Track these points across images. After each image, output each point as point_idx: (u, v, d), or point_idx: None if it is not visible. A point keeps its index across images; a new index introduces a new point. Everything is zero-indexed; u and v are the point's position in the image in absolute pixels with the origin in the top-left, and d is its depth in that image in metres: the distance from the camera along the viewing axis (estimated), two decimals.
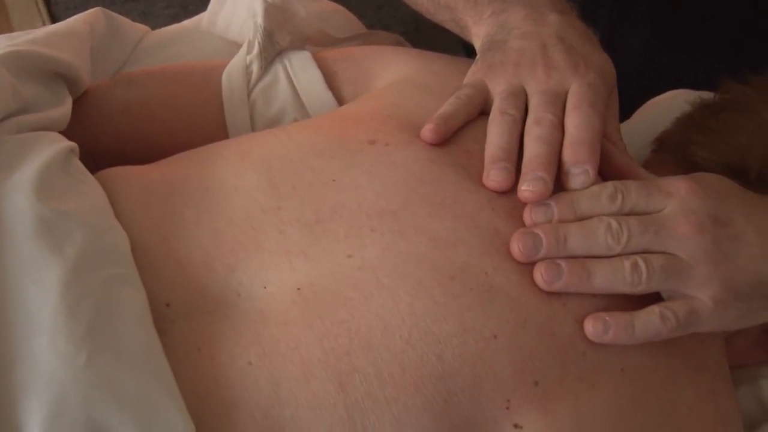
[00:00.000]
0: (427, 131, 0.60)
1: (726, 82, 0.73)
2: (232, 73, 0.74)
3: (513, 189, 0.58)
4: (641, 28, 0.99)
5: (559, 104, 0.61)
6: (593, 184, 0.58)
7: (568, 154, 0.58)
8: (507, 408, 0.51)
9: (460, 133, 0.62)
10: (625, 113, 0.76)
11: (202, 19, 0.87)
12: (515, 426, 0.51)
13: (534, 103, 0.62)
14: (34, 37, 0.66)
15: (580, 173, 0.58)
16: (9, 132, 0.57)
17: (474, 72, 0.67)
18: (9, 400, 0.45)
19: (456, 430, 0.50)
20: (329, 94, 0.72)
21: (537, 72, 0.63)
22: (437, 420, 0.50)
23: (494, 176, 0.58)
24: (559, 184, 0.58)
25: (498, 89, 0.63)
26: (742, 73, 0.72)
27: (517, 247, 0.55)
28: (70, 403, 0.44)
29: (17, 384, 0.45)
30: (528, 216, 0.57)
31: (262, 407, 0.49)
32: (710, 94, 0.75)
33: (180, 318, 0.53)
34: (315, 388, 0.49)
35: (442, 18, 0.74)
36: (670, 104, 0.83)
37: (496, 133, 0.60)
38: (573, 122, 0.60)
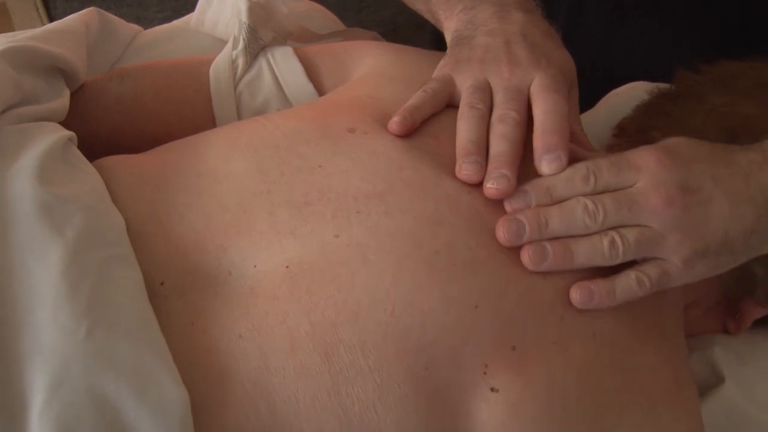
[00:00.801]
0: (394, 123, 0.61)
1: (680, 73, 0.74)
2: (219, 67, 0.74)
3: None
4: (597, 21, 1.00)
5: (521, 100, 0.62)
6: (566, 167, 0.58)
7: (539, 142, 0.59)
8: (485, 372, 0.52)
9: (428, 121, 0.63)
10: (584, 103, 0.77)
11: (191, 18, 0.87)
12: (492, 389, 0.51)
13: (498, 100, 0.62)
14: (32, 34, 0.66)
15: (553, 159, 0.58)
16: (10, 122, 0.57)
17: (442, 66, 0.67)
18: (15, 369, 0.45)
19: (435, 396, 0.51)
20: (310, 85, 0.73)
21: (501, 68, 0.63)
22: (418, 386, 0.50)
23: (466, 169, 0.58)
24: (534, 170, 0.59)
25: (465, 84, 0.64)
26: (695, 64, 0.73)
27: (502, 233, 0.55)
28: (71, 372, 0.45)
29: (22, 354, 0.46)
30: (508, 204, 0.57)
31: (251, 377, 0.49)
32: (667, 84, 0.76)
33: (173, 295, 0.53)
34: (302, 359, 0.50)
35: (420, 8, 0.75)
36: (630, 94, 0.84)
37: (465, 128, 0.61)
38: (541, 108, 0.60)
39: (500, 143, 0.59)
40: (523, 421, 0.51)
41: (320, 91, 0.74)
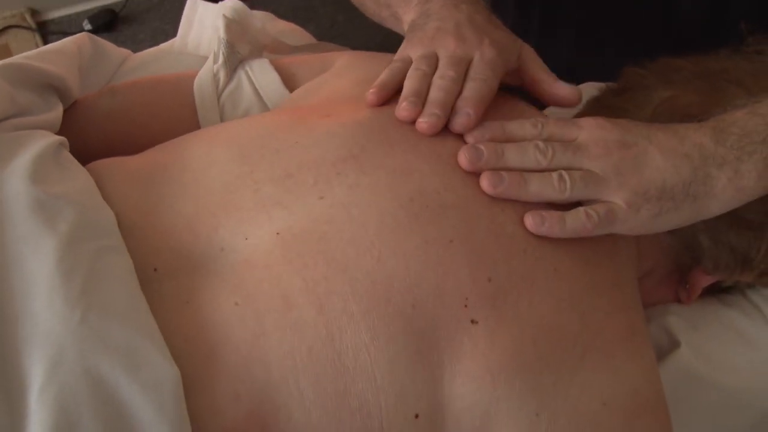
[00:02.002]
0: (371, 95, 0.64)
1: (627, 69, 0.75)
2: (202, 80, 0.75)
3: (448, 131, 0.61)
4: (565, 41, 1.03)
5: (462, 67, 0.65)
6: (471, 127, 0.61)
7: (458, 104, 0.62)
8: (465, 306, 0.52)
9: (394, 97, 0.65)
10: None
11: (174, 42, 0.88)
12: (472, 321, 0.52)
13: (442, 64, 0.65)
14: (28, 54, 0.68)
15: (464, 114, 0.61)
16: (6, 131, 0.58)
17: (401, 50, 0.70)
18: (14, 354, 0.45)
19: (422, 332, 0.51)
20: (287, 92, 0.73)
21: (448, 41, 0.66)
22: (406, 325, 0.51)
23: (404, 109, 0.61)
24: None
25: (415, 55, 0.67)
26: (640, 62, 0.74)
27: (463, 157, 0.58)
28: (67, 355, 0.45)
29: (20, 339, 0.46)
30: (468, 136, 0.61)
31: (247, 340, 0.50)
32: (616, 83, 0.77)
33: (167, 278, 0.53)
34: (296, 315, 0.50)
35: (384, 15, 0.77)
36: (584, 91, 0.85)
37: (408, 82, 0.64)
38: (467, 86, 0.63)
39: (437, 92, 0.62)
40: (502, 354, 0.52)
41: None
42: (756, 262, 0.68)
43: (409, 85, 0.63)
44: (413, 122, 0.61)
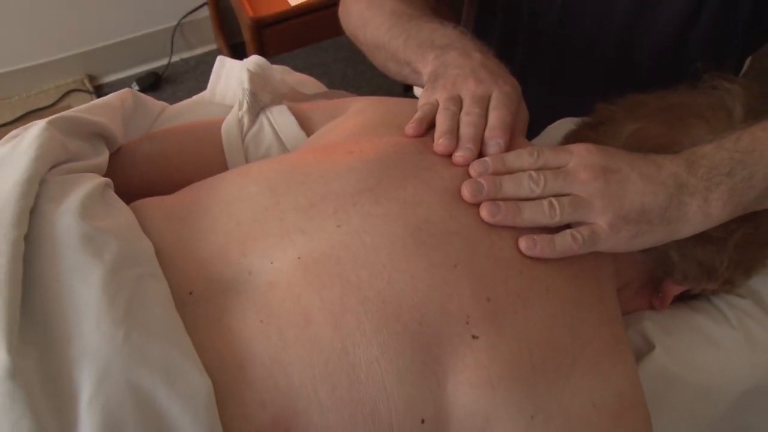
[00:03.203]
0: (410, 129, 0.64)
1: (599, 105, 0.75)
2: (229, 125, 0.74)
3: (455, 166, 0.61)
4: (541, 81, 1.02)
5: (484, 104, 0.65)
6: (504, 151, 0.61)
7: (488, 134, 0.63)
8: (467, 323, 0.52)
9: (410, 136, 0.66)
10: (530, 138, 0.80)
11: (204, 94, 0.88)
12: (473, 337, 0.51)
13: (466, 103, 0.65)
14: (78, 108, 0.67)
15: (495, 144, 0.62)
16: (59, 174, 0.58)
17: (425, 95, 0.70)
18: (66, 369, 0.45)
19: (427, 347, 0.50)
20: (303, 134, 0.73)
21: (469, 84, 0.66)
22: (414, 340, 0.50)
23: (441, 144, 0.62)
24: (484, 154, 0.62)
25: (442, 98, 0.67)
26: (611, 98, 0.74)
27: (466, 191, 0.58)
28: (113, 369, 0.45)
29: (72, 357, 0.45)
30: (472, 169, 0.60)
31: (270, 354, 0.49)
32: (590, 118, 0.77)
33: (201, 300, 0.53)
34: (315, 331, 0.50)
35: (405, 72, 0.77)
36: (561, 127, 0.85)
37: (441, 120, 0.64)
38: (492, 116, 0.64)
39: (467, 128, 0.63)
40: (501, 366, 0.51)
41: None
42: (719, 273, 0.67)
43: (442, 123, 0.64)
44: (450, 155, 0.62)
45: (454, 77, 0.68)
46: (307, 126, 0.74)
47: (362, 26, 0.83)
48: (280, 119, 0.73)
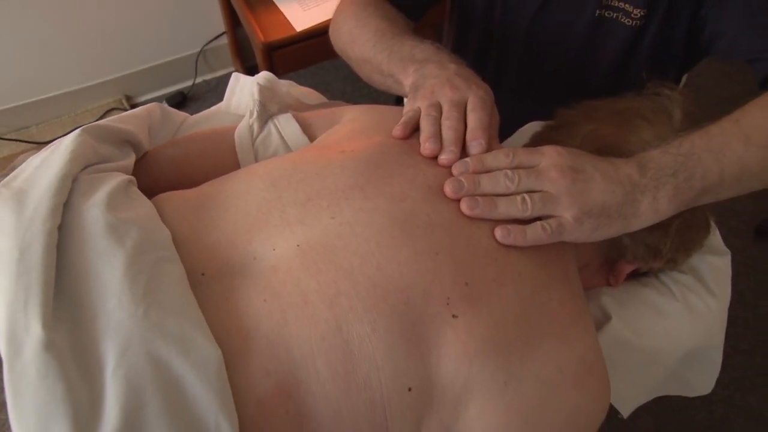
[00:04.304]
0: (398, 130, 0.63)
1: (560, 111, 0.74)
2: (241, 131, 0.73)
3: (437, 163, 0.60)
4: (510, 91, 1.01)
5: (461, 108, 0.64)
6: (486, 151, 0.60)
7: (469, 136, 0.61)
8: (447, 304, 0.50)
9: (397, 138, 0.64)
10: (502, 139, 0.79)
11: (221, 106, 0.87)
12: (453, 316, 0.50)
13: (445, 108, 0.64)
14: (110, 118, 0.66)
15: (477, 144, 0.61)
16: (90, 173, 0.57)
17: (409, 104, 0.69)
18: (93, 343, 0.44)
19: (413, 325, 0.49)
20: (305, 138, 0.71)
21: (446, 91, 0.65)
22: (400, 319, 0.49)
23: (428, 147, 0.60)
24: (467, 154, 0.61)
25: (423, 105, 0.65)
26: (570, 104, 0.73)
27: (448, 188, 0.57)
28: (134, 342, 0.44)
29: (98, 331, 0.45)
30: (454, 169, 0.59)
31: (274, 329, 0.48)
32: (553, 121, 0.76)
33: (212, 281, 0.52)
34: (312, 310, 0.48)
35: (389, 83, 0.76)
36: (529, 129, 0.84)
37: (425, 125, 0.63)
38: (471, 119, 0.63)
39: (447, 132, 0.62)
40: (478, 340, 0.50)
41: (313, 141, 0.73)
42: (664, 253, 0.67)
43: (426, 128, 0.62)
44: (436, 157, 0.60)
45: (432, 86, 0.66)
46: (309, 131, 0.73)
47: (351, 43, 0.81)
48: (286, 126, 0.72)
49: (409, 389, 0.48)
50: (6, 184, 0.53)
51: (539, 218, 0.56)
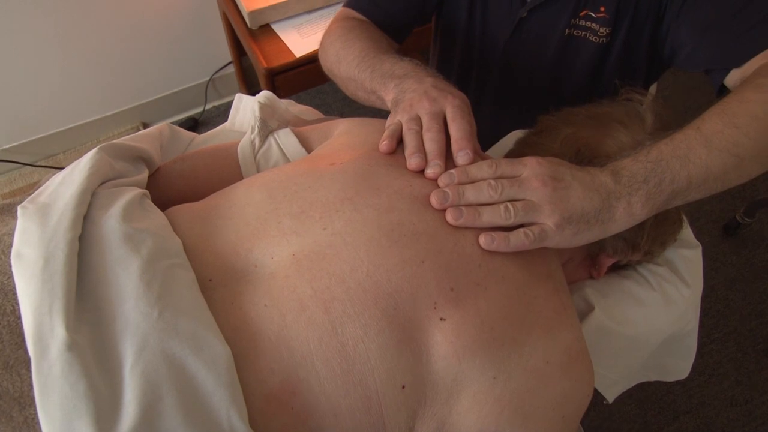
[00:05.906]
0: (383, 146, 0.61)
1: (541, 117, 0.73)
2: (243, 146, 0.72)
3: (422, 175, 0.59)
4: (492, 103, 1.01)
5: (440, 119, 0.62)
6: (473, 161, 0.59)
7: (455, 146, 0.60)
8: (435, 308, 0.49)
9: (384, 151, 0.63)
10: (486, 148, 0.78)
11: (225, 125, 0.86)
12: (441, 319, 0.49)
13: (425, 120, 0.63)
14: (125, 137, 0.66)
15: (464, 154, 0.59)
16: (108, 188, 0.56)
17: (391, 117, 0.67)
18: (113, 343, 0.44)
19: (403, 327, 0.48)
20: (303, 150, 0.71)
21: (423, 103, 0.64)
22: (391, 322, 0.48)
23: (413, 162, 0.59)
24: (453, 164, 0.60)
25: (404, 119, 0.64)
26: (550, 110, 0.73)
27: (434, 199, 0.55)
28: (150, 342, 0.44)
29: (117, 332, 0.44)
30: (440, 181, 0.58)
31: (274, 331, 0.47)
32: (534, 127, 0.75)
33: (219, 286, 0.51)
34: (309, 314, 0.48)
35: (372, 99, 0.75)
36: (513, 136, 0.83)
37: (409, 140, 0.61)
38: (453, 128, 0.61)
39: (430, 144, 0.60)
40: (466, 340, 0.49)
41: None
42: (641, 246, 0.66)
43: (409, 144, 0.61)
44: (422, 171, 0.59)
45: (410, 100, 0.65)
46: (306, 144, 0.72)
47: (337, 62, 0.80)
48: (285, 139, 0.71)
49: (403, 387, 0.47)
50: (32, 200, 0.53)
51: (521, 225, 0.55)
